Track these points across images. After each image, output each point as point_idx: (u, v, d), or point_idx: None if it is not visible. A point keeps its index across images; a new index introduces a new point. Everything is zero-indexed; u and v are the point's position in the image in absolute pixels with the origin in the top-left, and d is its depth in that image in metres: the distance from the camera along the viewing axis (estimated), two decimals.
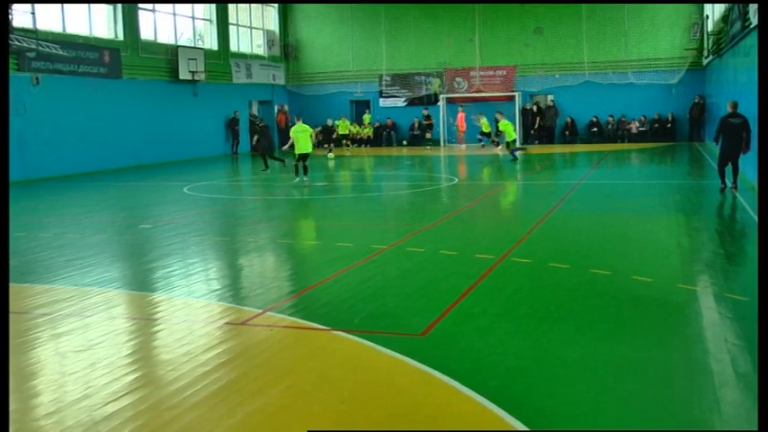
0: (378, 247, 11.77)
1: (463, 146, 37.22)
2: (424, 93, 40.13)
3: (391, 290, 9.27)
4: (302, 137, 21.25)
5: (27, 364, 7.03)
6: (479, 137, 36.23)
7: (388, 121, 40.34)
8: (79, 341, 7.57)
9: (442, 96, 39.15)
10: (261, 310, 8.25)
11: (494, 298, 8.58)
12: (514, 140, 30.25)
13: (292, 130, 21.85)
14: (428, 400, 5.72)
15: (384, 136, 40.20)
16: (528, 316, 7.87)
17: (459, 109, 37.91)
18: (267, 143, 26.88)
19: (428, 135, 38.58)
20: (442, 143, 38.65)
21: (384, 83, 40.92)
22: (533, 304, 8.33)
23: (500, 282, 9.39)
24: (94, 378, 6.38)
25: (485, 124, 35.52)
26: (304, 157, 21.26)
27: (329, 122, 36.60)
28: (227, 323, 7.90)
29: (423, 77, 40.13)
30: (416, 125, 39.67)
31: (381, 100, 41.05)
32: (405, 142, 39.92)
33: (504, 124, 30.19)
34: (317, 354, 6.90)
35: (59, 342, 7.60)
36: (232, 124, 37.38)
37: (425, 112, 38.73)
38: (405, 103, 40.51)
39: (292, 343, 7.28)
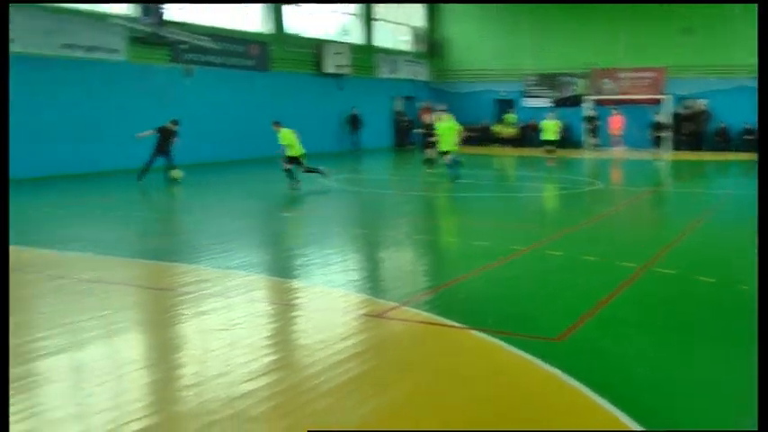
0: (516, 248, 11.65)
1: (618, 149, 36.04)
2: (569, 93, 39.41)
3: (528, 292, 9.16)
4: (448, 133, 21.19)
5: (171, 338, 7.36)
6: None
7: (533, 123, 39.85)
8: (221, 320, 7.81)
9: (586, 98, 38.33)
10: (397, 304, 8.30)
11: (633, 308, 8.34)
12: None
13: (438, 126, 21.82)
14: (559, 405, 5.61)
15: (529, 136, 39.68)
16: (669, 328, 7.60)
17: (614, 111, 36.72)
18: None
19: (593, 139, 37.52)
20: (593, 146, 37.62)
21: (528, 82, 40.44)
22: (675, 317, 8.05)
23: (641, 291, 9.12)
24: (234, 357, 6.57)
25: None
26: (446, 154, 21.26)
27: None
28: (363, 314, 7.99)
29: (568, 78, 39.44)
30: (561, 127, 38.87)
31: (525, 100, 40.59)
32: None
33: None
34: (450, 351, 6.89)
35: (202, 320, 7.87)
36: (353, 120, 36.80)
37: (592, 113, 37.62)
38: (550, 104, 39.78)
39: (426, 338, 7.29)
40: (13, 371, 6.19)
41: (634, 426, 5.16)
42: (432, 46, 42.54)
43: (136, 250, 11.89)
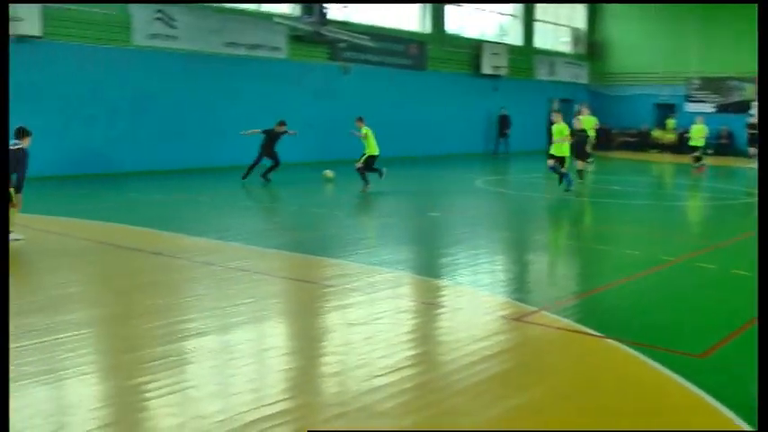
0: (666, 258, 11.32)
1: None
2: (736, 99, 37.78)
3: (674, 304, 8.88)
4: (557, 136, 20.33)
5: (311, 329, 7.57)
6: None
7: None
8: (362, 314, 7.96)
9: (753, 104, 36.64)
10: (537, 309, 8.23)
11: None
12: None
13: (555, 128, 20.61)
14: (695, 424, 5.42)
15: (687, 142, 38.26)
16: None
17: None
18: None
19: (752, 148, 34.89)
20: (752, 155, 36.01)
21: (692, 86, 39.04)
22: None
23: None
24: (370, 351, 6.69)
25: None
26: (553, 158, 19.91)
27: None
28: (502, 316, 7.97)
29: (735, 82, 37.83)
30: (725, 134, 37.44)
31: (688, 105, 39.20)
32: (710, 151, 37.83)
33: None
34: (587, 359, 6.77)
35: (343, 312, 8.04)
36: (502, 121, 35.43)
37: (753, 120, 35.61)
38: (713, 109, 38.28)
39: (563, 345, 7.20)
40: (160, 349, 6.54)
41: None
42: (591, 47, 41.72)
43: (282, 242, 12.25)
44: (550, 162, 19.42)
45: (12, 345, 6.51)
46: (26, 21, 19.25)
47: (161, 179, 20.90)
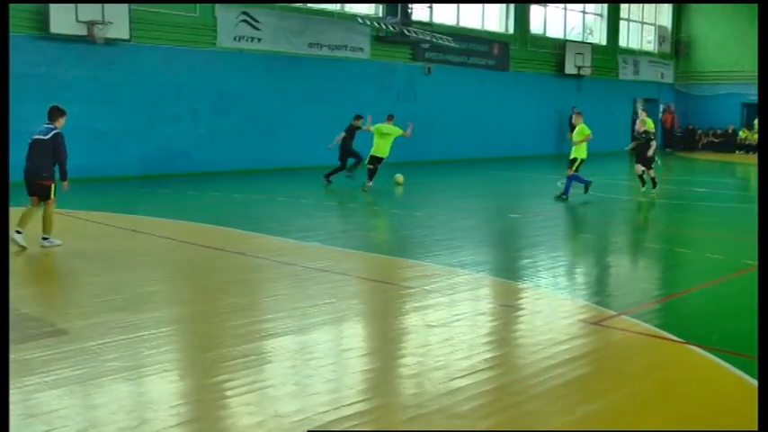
0: (750, 262, 11.00)
1: None
2: None
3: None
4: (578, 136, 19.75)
5: (390, 330, 7.57)
6: None
7: None
8: (440, 316, 7.94)
9: None
10: (617, 312, 8.09)
11: None
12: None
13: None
14: None
15: None
16: None
17: None
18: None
19: None
20: None
21: None
22: None
23: None
24: (449, 352, 6.67)
25: None
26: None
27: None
28: (581, 320, 7.85)
29: None
30: None
31: None
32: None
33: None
34: (667, 365, 6.62)
35: (422, 314, 8.03)
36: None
37: None
38: None
39: (643, 350, 7.05)
40: (240, 348, 6.63)
41: None
42: (677, 46, 40.86)
43: (361, 243, 12.31)
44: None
45: (96, 342, 6.70)
46: (115, 24, 19.74)
47: (243, 179, 21.19)
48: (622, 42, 38.08)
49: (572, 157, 18.22)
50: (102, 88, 20.44)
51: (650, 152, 19.04)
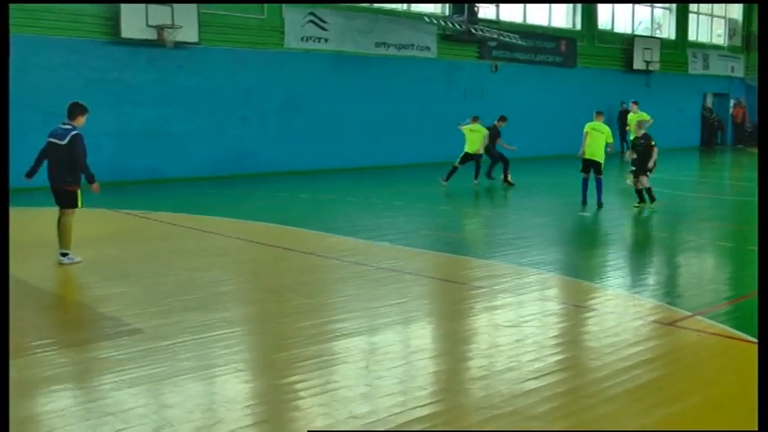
0: None
1: None
2: None
3: None
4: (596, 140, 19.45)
5: (461, 330, 7.53)
6: None
7: None
8: (510, 316, 7.90)
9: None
10: (691, 313, 7.94)
11: None
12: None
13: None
14: None
15: None
16: None
17: None
18: None
19: None
20: None
21: None
22: None
23: None
24: (520, 354, 6.61)
25: None
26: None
27: None
28: (654, 321, 7.72)
29: None
30: None
31: None
32: None
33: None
34: (744, 367, 6.46)
35: (492, 314, 7.99)
36: (622, 118, 31.29)
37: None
38: None
39: (719, 352, 6.91)
40: (311, 349, 6.66)
41: None
42: (748, 39, 39.93)
43: (431, 242, 12.28)
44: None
45: (170, 341, 6.80)
46: (184, 27, 20.03)
47: (311, 179, 21.33)
48: (691, 36, 37.38)
49: (590, 159, 16.34)
50: (171, 91, 20.77)
51: (651, 162, 16.01)
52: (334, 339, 6.96)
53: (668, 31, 36.27)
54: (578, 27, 31.51)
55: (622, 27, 33.95)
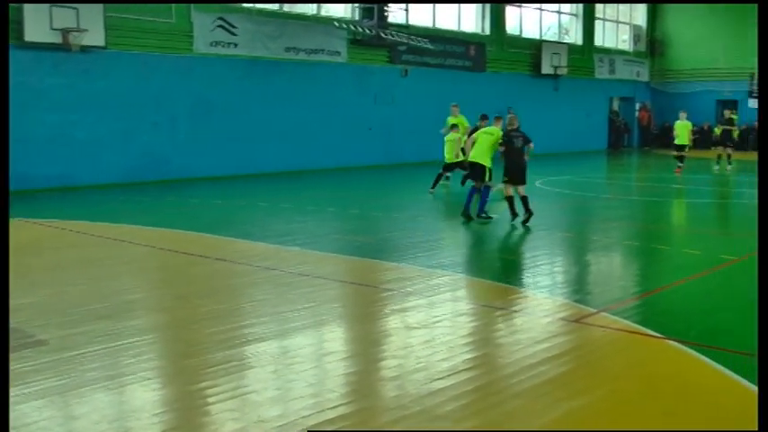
0: (727, 257, 11.13)
1: None
2: None
3: (735, 304, 8.73)
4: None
5: (371, 333, 7.60)
6: None
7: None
8: (420, 317, 7.97)
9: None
10: (596, 310, 8.16)
11: None
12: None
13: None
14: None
15: (750, 140, 37.49)
16: None
17: None
18: None
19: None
20: None
21: (755, 82, 38.24)
22: None
23: None
24: (429, 354, 6.70)
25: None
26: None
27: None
28: (561, 318, 7.91)
29: None
30: None
31: (751, 101, 38.38)
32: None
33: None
34: (647, 361, 6.69)
35: (402, 316, 8.05)
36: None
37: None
38: None
39: (623, 347, 7.12)
40: (221, 354, 6.63)
41: None
42: (652, 44, 41.16)
43: (341, 246, 12.31)
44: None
45: (77, 351, 6.68)
46: (90, 31, 19.65)
47: (223, 185, 21.14)
48: (598, 42, 38.31)
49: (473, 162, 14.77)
50: (78, 96, 20.34)
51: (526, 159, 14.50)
52: (244, 344, 6.93)
53: (575, 37, 37.11)
54: (487, 32, 31.96)
55: (530, 32, 34.57)
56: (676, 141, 24.75)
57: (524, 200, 13.97)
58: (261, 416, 5.34)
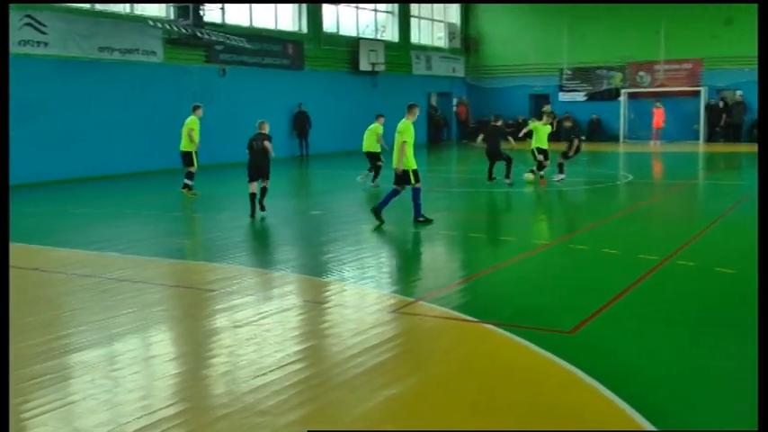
0: (539, 242, 11.77)
1: (657, 143, 35.98)
2: (605, 87, 39.26)
3: (547, 286, 9.27)
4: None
5: (193, 334, 7.58)
6: None
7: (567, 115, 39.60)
8: (244, 315, 8.00)
9: (623, 91, 38.13)
10: (413, 299, 8.46)
11: (649, 301, 8.40)
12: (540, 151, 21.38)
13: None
14: (567, 399, 5.68)
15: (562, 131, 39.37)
16: (682, 323, 7.61)
17: (657, 104, 36.56)
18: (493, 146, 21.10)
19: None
20: (621, 139, 37.63)
21: (564, 76, 40.30)
22: (690, 310, 8.08)
23: (659, 285, 9.17)
24: (250, 351, 6.79)
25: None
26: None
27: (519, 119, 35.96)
28: (379, 309, 8.15)
29: (604, 71, 39.25)
30: (595, 120, 38.87)
31: (561, 94, 40.41)
32: (583, 138, 38.95)
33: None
34: (463, 345, 7.02)
35: (223, 316, 8.07)
36: (300, 121, 31.67)
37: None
38: (585, 98, 39.74)
39: (440, 332, 7.44)
40: (38, 367, 6.45)
41: (643, 423, 5.18)
42: (467, 41, 42.58)
43: (162, 250, 12.15)
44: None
45: None
46: None
47: (39, 191, 20.28)
48: (414, 39, 39.25)
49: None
50: None
51: None
52: (62, 355, 6.78)
53: (392, 34, 37.85)
54: (305, 30, 32.14)
55: (348, 30, 35.00)
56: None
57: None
58: (80, 426, 5.27)
